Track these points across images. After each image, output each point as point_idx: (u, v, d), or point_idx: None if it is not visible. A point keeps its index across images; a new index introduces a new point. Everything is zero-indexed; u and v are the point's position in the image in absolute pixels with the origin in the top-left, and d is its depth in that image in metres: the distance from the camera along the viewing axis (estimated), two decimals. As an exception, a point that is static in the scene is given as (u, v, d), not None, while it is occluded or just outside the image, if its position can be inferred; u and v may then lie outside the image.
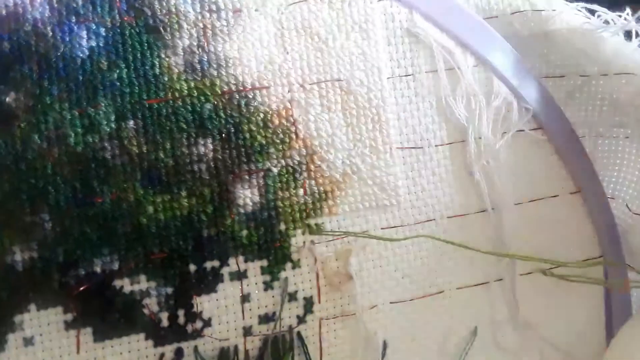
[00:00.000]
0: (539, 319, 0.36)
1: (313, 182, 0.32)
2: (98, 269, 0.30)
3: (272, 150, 0.32)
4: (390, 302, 0.34)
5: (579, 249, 0.36)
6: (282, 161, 0.32)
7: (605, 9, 0.34)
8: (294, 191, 0.32)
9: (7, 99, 0.29)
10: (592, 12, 0.35)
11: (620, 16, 0.34)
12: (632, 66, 0.34)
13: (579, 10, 0.35)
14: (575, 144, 0.36)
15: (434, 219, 0.34)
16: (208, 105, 0.31)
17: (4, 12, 0.29)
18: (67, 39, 0.29)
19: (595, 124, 0.37)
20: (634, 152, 0.36)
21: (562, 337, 0.36)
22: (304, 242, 0.32)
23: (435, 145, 0.34)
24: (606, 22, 0.34)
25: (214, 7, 0.31)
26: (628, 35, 0.34)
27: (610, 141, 0.37)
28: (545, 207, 0.36)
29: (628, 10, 0.34)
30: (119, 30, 0.30)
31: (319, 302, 0.33)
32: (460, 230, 0.34)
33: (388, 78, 0.34)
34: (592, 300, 0.37)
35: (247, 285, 0.32)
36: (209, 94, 0.31)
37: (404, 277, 0.34)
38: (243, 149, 0.31)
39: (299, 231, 0.32)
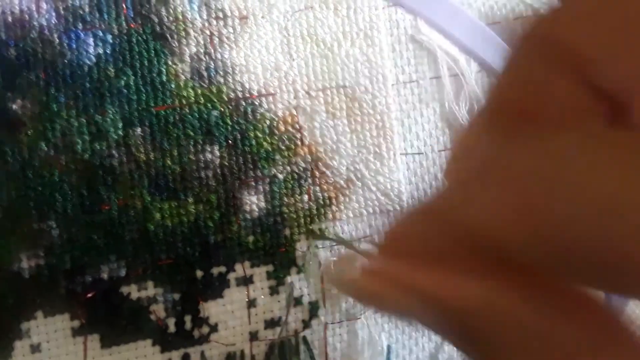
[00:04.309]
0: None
1: (318, 188, 0.33)
2: (105, 276, 0.30)
3: (277, 156, 0.32)
4: (394, 306, 0.34)
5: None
6: (288, 167, 0.32)
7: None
8: (299, 197, 0.32)
9: (14, 106, 0.29)
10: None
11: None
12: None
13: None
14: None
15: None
16: (215, 112, 0.31)
17: (10, 18, 0.29)
18: (74, 45, 0.29)
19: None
20: None
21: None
22: (309, 247, 0.33)
23: (438, 151, 0.35)
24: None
25: (220, 15, 0.31)
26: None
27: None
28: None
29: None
30: (125, 38, 0.30)
31: (324, 306, 0.33)
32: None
33: (392, 85, 0.34)
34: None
35: (253, 290, 0.32)
36: (216, 101, 0.31)
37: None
38: (249, 156, 0.31)
39: (304, 236, 0.33)
